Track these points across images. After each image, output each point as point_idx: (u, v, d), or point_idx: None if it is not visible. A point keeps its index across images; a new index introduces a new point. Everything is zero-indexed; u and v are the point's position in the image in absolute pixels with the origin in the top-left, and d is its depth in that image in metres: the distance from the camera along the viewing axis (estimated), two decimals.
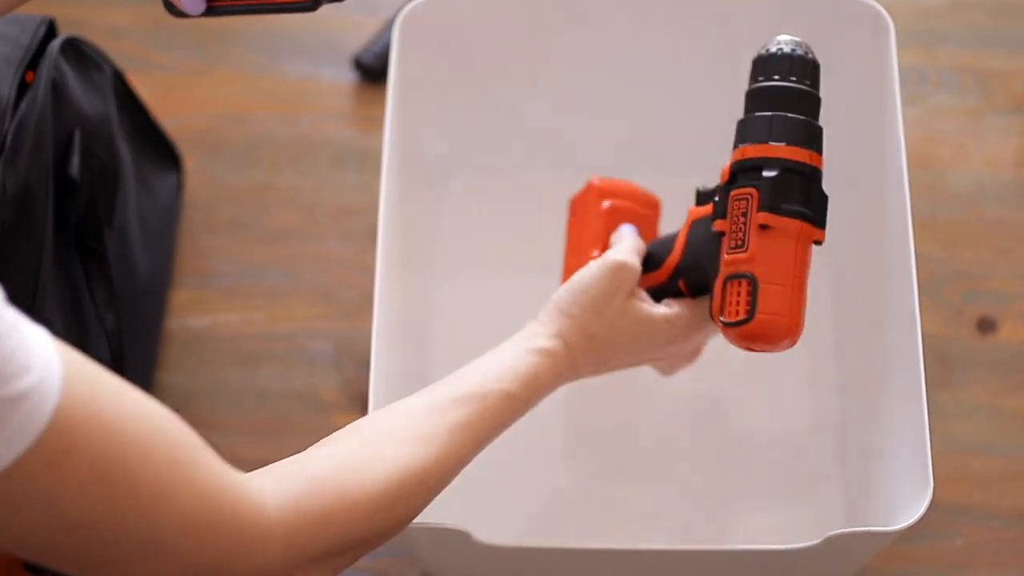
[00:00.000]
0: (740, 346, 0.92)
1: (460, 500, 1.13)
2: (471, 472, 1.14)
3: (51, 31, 1.09)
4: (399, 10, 1.11)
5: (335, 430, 1.17)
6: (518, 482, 1.15)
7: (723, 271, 0.92)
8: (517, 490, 1.15)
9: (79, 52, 1.12)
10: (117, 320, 1.10)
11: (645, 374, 1.18)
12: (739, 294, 0.91)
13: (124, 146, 1.16)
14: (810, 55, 0.93)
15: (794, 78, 0.92)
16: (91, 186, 1.07)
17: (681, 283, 0.99)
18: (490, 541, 0.93)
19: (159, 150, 1.24)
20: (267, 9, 0.95)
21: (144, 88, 1.33)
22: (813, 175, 0.91)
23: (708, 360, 1.19)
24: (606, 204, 1.06)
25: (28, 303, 0.99)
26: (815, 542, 0.93)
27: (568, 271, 1.07)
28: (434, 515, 1.11)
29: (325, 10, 1.34)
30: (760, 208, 0.90)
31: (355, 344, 1.22)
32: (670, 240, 1.00)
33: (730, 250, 0.91)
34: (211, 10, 0.94)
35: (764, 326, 0.90)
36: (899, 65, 1.08)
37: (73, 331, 1.06)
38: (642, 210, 1.07)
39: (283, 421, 1.19)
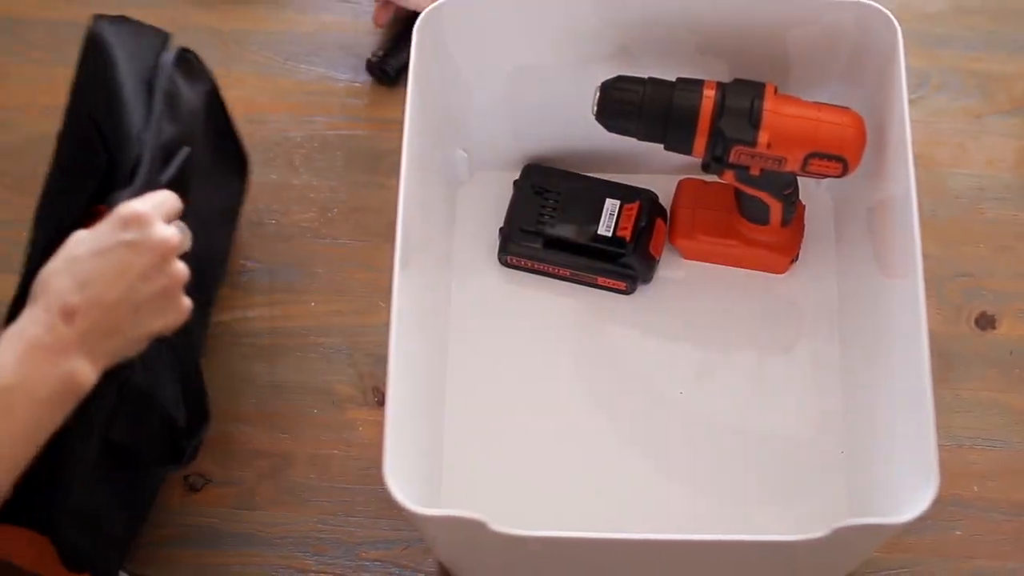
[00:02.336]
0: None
1: (476, 489, 1.14)
2: (487, 463, 1.15)
3: (165, 46, 1.11)
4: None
5: (351, 424, 1.20)
6: (533, 473, 1.16)
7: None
8: (532, 481, 1.15)
9: (187, 63, 1.13)
10: (184, 332, 1.11)
11: (657, 373, 1.20)
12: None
13: (203, 148, 1.16)
14: None
15: None
16: (173, 187, 1.08)
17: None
18: (506, 530, 0.94)
19: (232, 155, 1.24)
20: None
21: None
22: None
23: (715, 354, 1.21)
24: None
25: None
26: (821, 534, 0.93)
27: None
28: (450, 504, 1.12)
29: (340, 13, 1.37)
30: None
31: (368, 340, 1.23)
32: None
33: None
34: None
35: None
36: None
37: None
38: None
39: (300, 415, 1.20)
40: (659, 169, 1.25)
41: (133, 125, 1.05)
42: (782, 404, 1.19)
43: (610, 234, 1.21)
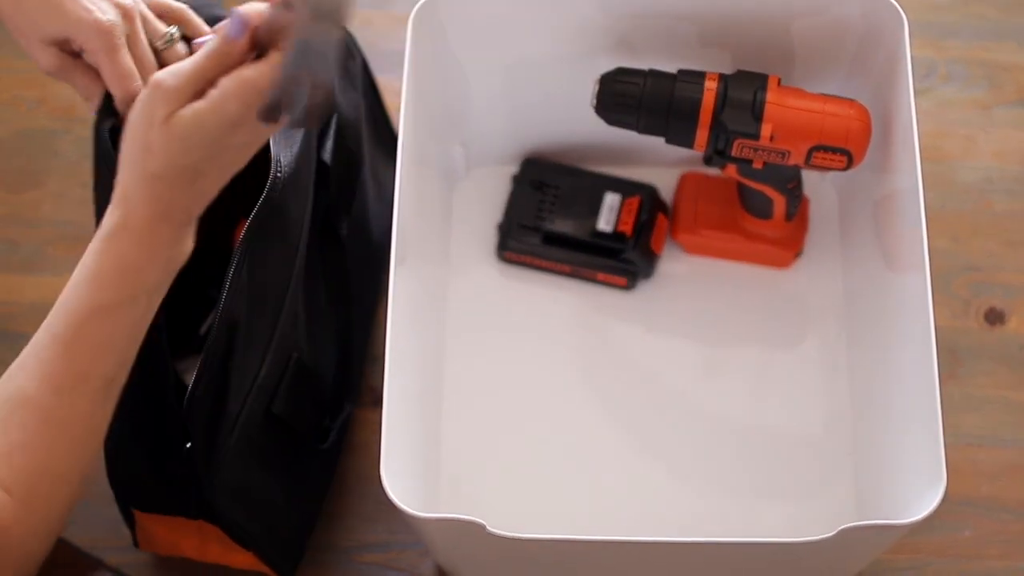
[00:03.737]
0: None
1: (475, 489, 1.14)
2: (486, 462, 1.15)
3: None
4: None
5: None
6: (533, 472, 1.15)
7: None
8: (531, 482, 1.15)
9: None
10: (349, 315, 1.13)
11: (659, 370, 1.19)
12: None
13: (365, 136, 1.16)
14: None
15: None
16: (338, 173, 1.08)
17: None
18: (505, 533, 0.93)
19: (388, 143, 1.23)
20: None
21: None
22: None
23: (718, 351, 1.20)
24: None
25: (283, 289, 1.01)
26: (828, 535, 0.93)
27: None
28: (448, 506, 1.12)
29: None
30: None
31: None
32: None
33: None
34: None
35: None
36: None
37: (310, 319, 1.07)
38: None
39: None
40: (660, 163, 1.24)
41: None
42: (788, 401, 1.18)
43: (610, 229, 1.19)
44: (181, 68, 0.85)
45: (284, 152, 1.01)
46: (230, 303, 0.96)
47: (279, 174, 1.00)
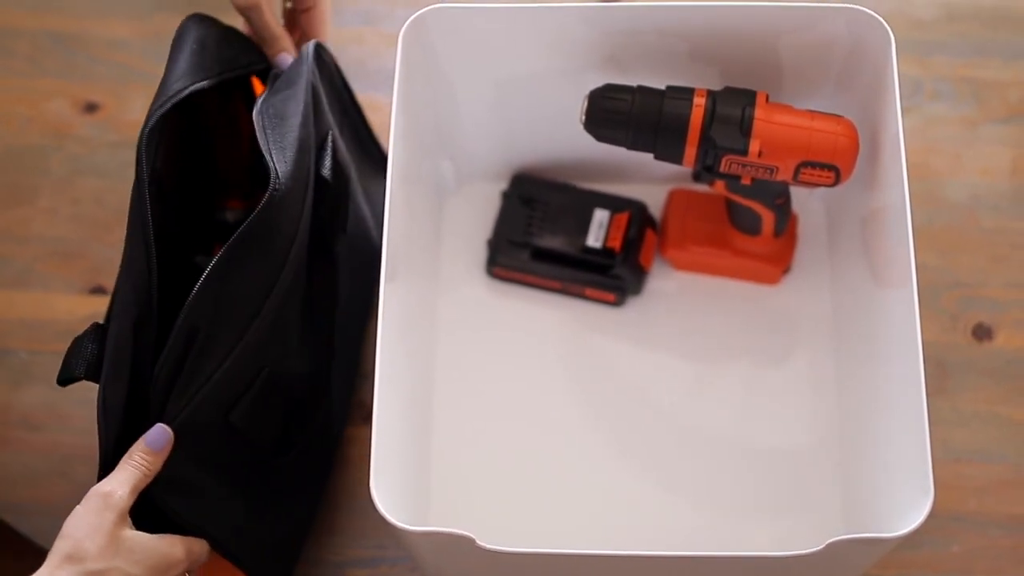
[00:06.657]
0: None
1: (465, 505, 1.14)
2: (476, 478, 1.15)
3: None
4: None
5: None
6: (523, 488, 1.15)
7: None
8: (521, 496, 1.15)
9: (321, 59, 1.14)
10: (331, 335, 1.12)
11: (648, 386, 1.19)
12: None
13: (351, 152, 1.17)
14: None
15: None
16: (334, 190, 1.09)
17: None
18: (494, 547, 0.93)
19: (375, 157, 1.23)
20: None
21: (144, 100, 1.33)
22: None
23: (707, 367, 1.20)
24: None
25: (259, 302, 1.01)
26: (816, 548, 0.93)
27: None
28: (438, 521, 1.12)
29: None
30: None
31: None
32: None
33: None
34: None
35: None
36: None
37: (299, 335, 1.07)
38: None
39: None
40: (649, 179, 1.25)
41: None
42: (776, 417, 1.18)
43: (599, 245, 1.20)
44: (122, 481, 0.92)
45: (280, 167, 1.02)
46: (196, 306, 0.96)
47: (276, 189, 1.00)
